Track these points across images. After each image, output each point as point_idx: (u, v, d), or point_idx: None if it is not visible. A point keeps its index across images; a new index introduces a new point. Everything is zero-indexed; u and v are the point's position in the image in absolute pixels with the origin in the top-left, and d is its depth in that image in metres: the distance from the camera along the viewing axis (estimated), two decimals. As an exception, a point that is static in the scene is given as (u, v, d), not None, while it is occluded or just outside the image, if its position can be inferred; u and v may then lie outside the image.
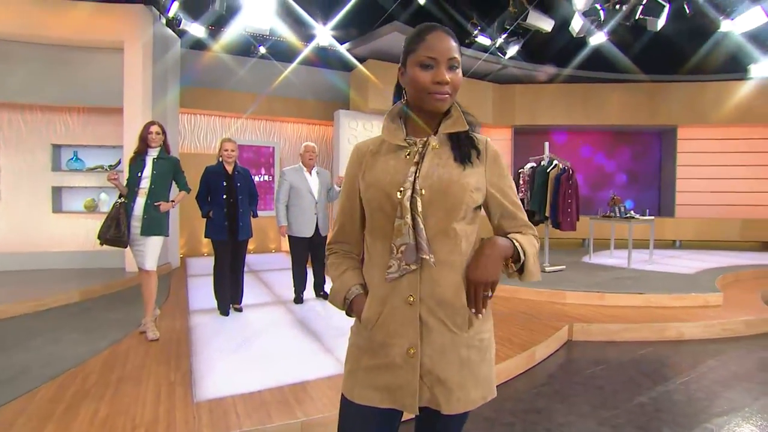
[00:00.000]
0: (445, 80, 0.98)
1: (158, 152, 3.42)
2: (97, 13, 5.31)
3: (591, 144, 9.68)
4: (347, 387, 1.06)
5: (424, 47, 0.98)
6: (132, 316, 3.81)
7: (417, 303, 0.98)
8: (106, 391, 2.40)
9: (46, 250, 5.75)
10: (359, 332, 1.08)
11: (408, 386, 0.99)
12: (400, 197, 0.97)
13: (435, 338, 0.99)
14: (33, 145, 5.76)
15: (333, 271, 1.14)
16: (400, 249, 0.97)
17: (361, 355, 1.05)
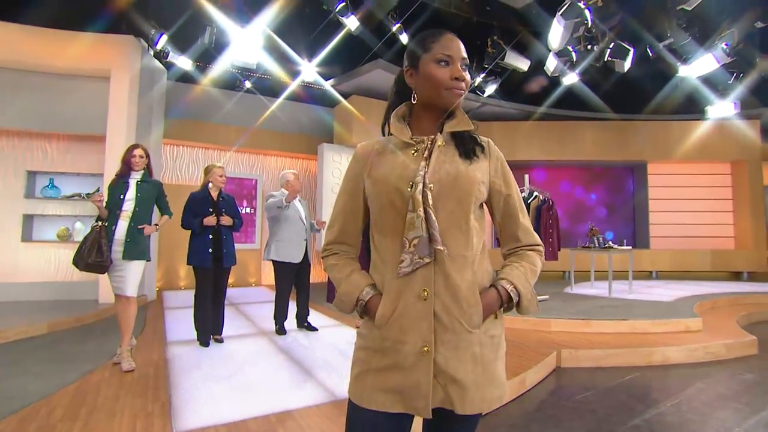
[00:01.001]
0: (462, 76, 1.03)
1: (141, 175, 3.37)
2: (85, 42, 5.36)
3: (568, 179, 10.05)
4: (356, 392, 1.02)
5: (439, 46, 1.03)
6: (105, 348, 3.60)
7: (431, 298, 0.97)
8: (74, 425, 2.21)
9: (13, 281, 5.44)
10: (369, 333, 1.04)
11: (420, 387, 0.95)
12: (412, 191, 0.98)
13: (448, 335, 0.97)
14: (6, 170, 5.58)
15: (336, 272, 1.10)
16: (413, 242, 0.96)
17: (371, 357, 1.01)
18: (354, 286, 1.05)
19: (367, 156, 1.10)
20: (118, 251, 3.15)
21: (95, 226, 3.15)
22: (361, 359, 1.04)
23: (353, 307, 1.05)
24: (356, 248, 1.14)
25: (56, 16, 5.25)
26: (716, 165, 9.36)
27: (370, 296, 1.03)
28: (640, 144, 9.14)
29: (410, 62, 1.09)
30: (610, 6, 4.22)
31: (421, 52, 1.05)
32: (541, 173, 9.94)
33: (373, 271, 1.07)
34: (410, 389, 0.96)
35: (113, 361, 3.22)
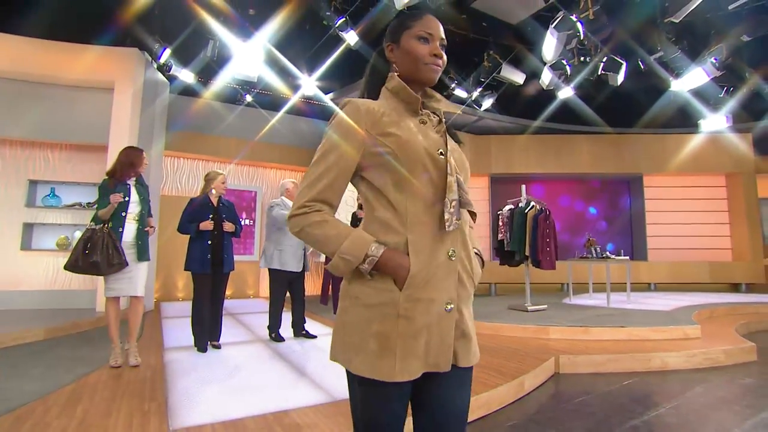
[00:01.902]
0: (440, 53, 1.10)
1: (135, 179, 3.41)
2: (91, 55, 5.48)
3: (565, 192, 10.14)
4: (384, 368, 0.95)
5: (421, 24, 1.10)
6: (101, 354, 3.57)
7: (456, 258, 1.03)
8: (70, 422, 2.20)
9: (12, 289, 5.42)
10: (386, 298, 0.98)
11: (444, 342, 0.99)
12: (446, 157, 1.03)
13: (463, 292, 1.04)
14: (8, 179, 5.63)
15: (329, 229, 1.00)
16: (453, 204, 1.00)
17: (393, 326, 0.97)
18: (362, 241, 0.98)
19: (374, 115, 1.05)
20: (131, 253, 3.22)
21: (98, 228, 3.13)
22: (380, 332, 0.97)
23: (357, 264, 0.97)
24: (334, 211, 1.05)
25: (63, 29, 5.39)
26: (711, 177, 9.48)
27: (381, 251, 0.97)
28: (636, 157, 9.27)
29: (392, 38, 1.13)
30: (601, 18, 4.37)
31: (403, 29, 1.11)
32: (539, 186, 10.03)
33: (386, 232, 1.02)
34: (435, 346, 0.99)
35: (111, 364, 3.20)
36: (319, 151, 1.05)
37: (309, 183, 1.02)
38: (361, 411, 1.01)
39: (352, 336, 0.99)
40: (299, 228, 1.01)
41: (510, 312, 5.70)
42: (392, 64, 1.13)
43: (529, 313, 5.54)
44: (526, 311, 5.60)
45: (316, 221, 1.00)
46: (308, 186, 1.02)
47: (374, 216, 1.04)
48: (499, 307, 6.24)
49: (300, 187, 1.04)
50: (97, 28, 5.43)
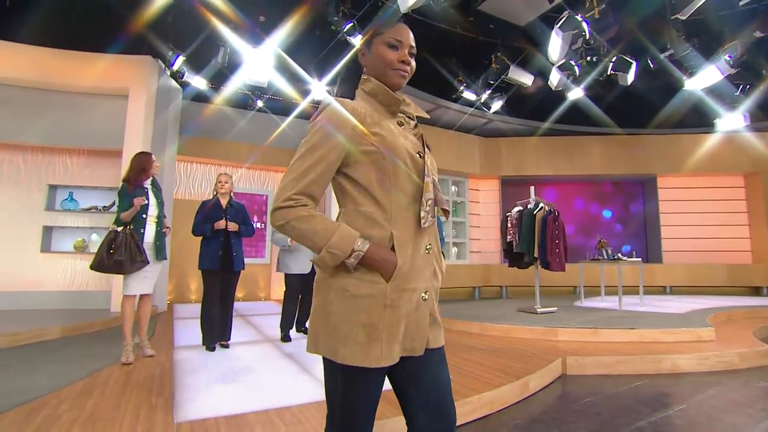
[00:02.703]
0: (408, 60, 1.16)
1: (151, 182, 3.54)
2: (105, 62, 5.67)
3: (578, 193, 10.02)
4: (372, 356, 1.00)
5: (392, 32, 1.16)
6: (113, 351, 3.67)
7: (431, 251, 1.12)
8: (79, 414, 2.27)
9: (32, 290, 5.61)
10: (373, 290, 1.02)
11: (422, 329, 1.08)
12: (425, 159, 1.12)
13: (435, 283, 1.15)
14: (29, 184, 5.84)
15: (316, 223, 1.02)
16: (428, 203, 1.09)
17: (380, 315, 1.02)
18: (349, 236, 1.01)
19: (361, 115, 1.09)
20: (150, 253, 3.39)
21: (121, 230, 3.29)
22: (369, 322, 1.01)
23: (344, 258, 1.00)
24: (317, 206, 1.08)
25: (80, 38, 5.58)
26: (729, 178, 9.25)
27: (367, 246, 1.02)
28: (649, 157, 9.12)
29: (365, 44, 1.20)
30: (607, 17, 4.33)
31: (375, 35, 1.18)
32: (550, 188, 9.94)
33: (371, 227, 1.06)
34: (412, 332, 1.07)
35: (122, 361, 3.29)
36: (305, 145, 1.07)
37: (295, 176, 1.04)
38: (341, 397, 1.05)
39: (338, 327, 1.02)
40: (284, 221, 1.02)
41: (519, 314, 5.66)
42: (364, 67, 1.20)
43: (539, 315, 5.49)
44: (536, 313, 5.55)
45: (303, 215, 1.02)
46: (294, 179, 1.03)
47: (359, 211, 1.07)
48: (508, 310, 6.19)
49: (284, 180, 1.05)
50: (113, 36, 5.60)
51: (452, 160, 8.86)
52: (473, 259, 9.30)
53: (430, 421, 1.08)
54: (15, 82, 5.54)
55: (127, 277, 3.34)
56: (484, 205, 9.66)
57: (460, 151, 9.00)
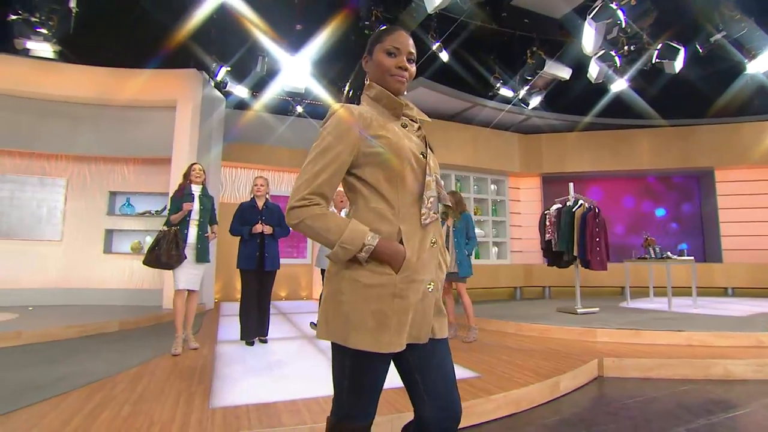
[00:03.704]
0: (405, 66, 1.22)
1: (201, 190, 3.85)
2: (155, 77, 6.14)
3: (625, 190, 9.52)
4: (381, 341, 1.07)
5: (390, 39, 1.23)
6: (163, 344, 3.98)
7: (436, 245, 1.19)
8: (130, 396, 2.52)
9: (96, 287, 6.18)
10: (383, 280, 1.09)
11: (427, 318, 1.16)
12: (428, 159, 1.20)
13: (441, 275, 1.22)
14: (94, 191, 6.44)
15: (329, 221, 1.09)
16: (430, 200, 1.16)
17: (389, 304, 1.08)
18: (359, 232, 1.08)
19: (367, 120, 1.16)
20: (192, 254, 3.69)
21: (168, 230, 3.62)
22: (378, 310, 1.08)
23: (355, 252, 1.07)
24: (329, 204, 1.16)
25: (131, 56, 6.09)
26: (799, 169, 8.42)
27: (377, 240, 1.09)
28: (705, 150, 8.48)
29: (367, 51, 1.27)
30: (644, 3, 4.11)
31: (376, 42, 1.24)
32: (595, 184, 9.51)
33: (380, 222, 1.13)
34: (418, 321, 1.15)
35: (172, 352, 3.57)
36: (316, 148, 1.14)
37: (308, 178, 1.11)
38: (350, 380, 1.13)
39: (350, 314, 1.09)
40: (299, 220, 1.09)
41: (558, 314, 5.49)
42: (366, 73, 1.28)
43: (579, 315, 5.30)
44: (576, 314, 5.37)
45: (317, 214, 1.09)
46: (307, 180, 1.10)
47: (369, 207, 1.15)
48: (548, 310, 6.02)
49: (298, 182, 1.12)
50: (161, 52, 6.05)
51: (490, 159, 8.71)
52: (514, 259, 9.09)
53: (437, 408, 1.15)
54: (78, 99, 6.14)
55: (176, 274, 3.64)
56: (525, 203, 9.41)
57: (499, 150, 8.83)
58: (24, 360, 3.50)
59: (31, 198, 6.27)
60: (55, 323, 4.59)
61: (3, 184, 6.24)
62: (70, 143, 6.22)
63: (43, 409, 2.33)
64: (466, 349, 3.99)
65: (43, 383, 2.80)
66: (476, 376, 3.03)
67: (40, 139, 6.13)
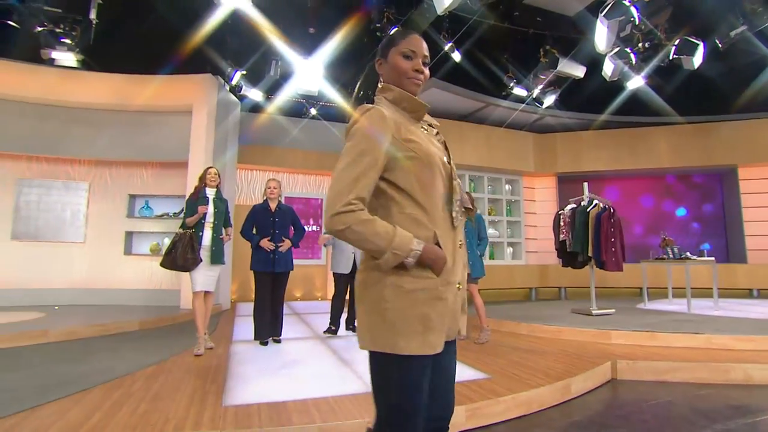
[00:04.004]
0: (422, 69, 1.25)
1: (215, 193, 3.94)
2: (171, 82, 6.30)
3: (644, 189, 9.33)
4: (429, 343, 1.08)
5: (406, 42, 1.24)
6: (180, 343, 4.10)
7: (463, 246, 1.25)
8: (147, 394, 2.61)
9: (117, 287, 6.38)
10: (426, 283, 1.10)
11: (456, 317, 1.21)
12: (450, 164, 1.23)
13: (465, 274, 1.26)
14: (114, 195, 6.66)
15: (378, 227, 1.07)
16: (457, 204, 1.22)
17: (432, 307, 1.11)
18: (407, 237, 1.08)
19: (398, 123, 1.16)
20: (207, 256, 3.78)
21: (184, 233, 3.71)
22: (424, 314, 1.09)
23: (404, 258, 1.07)
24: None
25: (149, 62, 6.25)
26: (828, 166, 8.11)
27: (422, 245, 1.09)
28: (728, 147, 8.24)
29: (381, 53, 1.29)
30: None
31: (391, 45, 1.26)
32: (610, 184, 9.34)
33: (417, 227, 1.12)
34: (450, 320, 1.18)
35: (195, 353, 3.66)
36: (352, 152, 1.10)
37: (349, 182, 1.07)
38: (401, 388, 1.09)
39: (397, 321, 1.08)
40: (345, 225, 1.05)
41: (573, 316, 5.43)
42: (380, 75, 1.29)
43: (594, 317, 5.23)
44: (591, 315, 5.29)
45: (365, 219, 1.07)
46: (349, 185, 1.07)
47: (404, 213, 1.14)
48: (562, 311, 5.95)
49: (339, 185, 1.07)
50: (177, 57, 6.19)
51: (505, 159, 8.65)
52: (529, 260, 9.00)
53: (438, 407, 1.18)
54: (99, 106, 6.36)
55: (193, 276, 3.73)
56: (541, 203, 9.31)
57: (513, 149, 8.76)
58: (50, 357, 3.65)
59: (57, 201, 6.52)
60: (79, 322, 4.78)
61: (30, 188, 6.51)
62: (91, 148, 6.45)
63: (66, 404, 2.44)
64: (478, 350, 3.98)
65: (67, 380, 2.92)
66: (486, 378, 3.03)
67: (64, 144, 6.37)
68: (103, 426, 2.13)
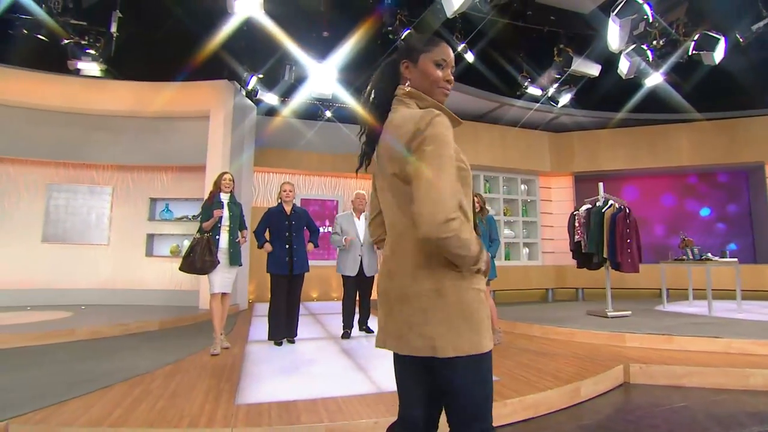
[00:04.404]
0: (451, 79, 1.26)
1: (230, 197, 4.05)
2: (189, 89, 6.50)
3: (665, 188, 9.10)
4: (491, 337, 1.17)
5: (439, 50, 1.24)
6: (198, 342, 4.24)
7: None
8: (165, 391, 2.72)
9: (139, 288, 6.62)
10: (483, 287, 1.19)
11: None
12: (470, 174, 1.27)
13: None
14: (136, 198, 6.90)
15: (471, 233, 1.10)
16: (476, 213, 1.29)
17: (486, 306, 1.17)
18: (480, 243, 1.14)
19: None
20: (224, 258, 3.89)
21: (201, 237, 3.83)
22: (487, 313, 1.16)
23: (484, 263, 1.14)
24: None
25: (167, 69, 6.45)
26: None
27: (486, 252, 1.17)
28: (754, 144, 7.97)
29: (408, 56, 1.26)
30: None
31: (422, 51, 1.24)
32: (629, 183, 9.15)
33: None
34: None
35: (212, 352, 3.78)
36: (440, 158, 1.07)
37: (450, 188, 1.05)
38: (489, 382, 1.15)
39: (479, 322, 1.12)
40: (453, 233, 1.03)
41: (587, 317, 5.36)
42: (406, 79, 1.25)
43: (609, 319, 5.15)
44: (606, 317, 5.22)
45: (466, 227, 1.07)
46: (451, 192, 1.05)
47: None
48: (577, 312, 5.89)
49: (443, 193, 1.04)
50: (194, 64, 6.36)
51: (520, 158, 8.57)
52: (546, 260, 8.90)
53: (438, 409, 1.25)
54: (120, 113, 6.62)
55: (211, 278, 3.86)
56: (557, 203, 9.18)
57: (528, 149, 8.67)
58: (76, 355, 3.83)
59: (82, 205, 6.80)
60: (103, 322, 5.00)
61: (59, 193, 6.81)
62: (114, 154, 6.70)
63: (91, 399, 2.57)
64: (489, 352, 3.98)
65: (91, 377, 3.07)
66: (494, 380, 3.04)
67: (88, 150, 6.64)
68: (123, 421, 2.24)
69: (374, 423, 2.29)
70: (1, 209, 6.63)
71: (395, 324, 1.16)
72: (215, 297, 3.90)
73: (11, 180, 6.72)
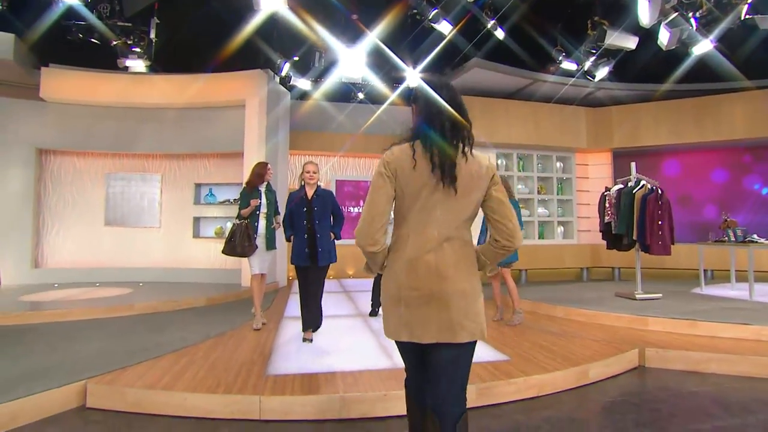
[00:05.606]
0: None
1: (266, 186, 4.35)
2: (225, 80, 6.86)
3: (712, 163, 8.55)
4: None
5: None
6: (238, 318, 4.68)
7: None
8: (206, 362, 3.13)
9: (187, 266, 7.26)
10: None
11: None
12: None
13: None
14: (183, 184, 7.47)
15: None
16: None
17: None
18: None
19: None
20: (262, 242, 4.26)
21: (240, 223, 4.16)
22: None
23: None
24: None
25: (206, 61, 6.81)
26: None
27: None
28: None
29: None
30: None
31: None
32: (672, 158, 8.66)
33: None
34: None
35: (254, 327, 4.19)
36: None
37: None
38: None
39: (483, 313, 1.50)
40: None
41: (615, 299, 5.33)
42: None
43: (637, 301, 5.11)
44: (634, 299, 5.17)
45: None
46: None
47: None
48: (607, 293, 5.85)
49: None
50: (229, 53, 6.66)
51: (555, 135, 8.35)
52: (581, 239, 8.74)
53: None
54: (165, 105, 7.11)
55: (251, 261, 4.24)
56: (594, 180, 8.91)
57: (564, 125, 8.41)
58: (135, 327, 4.38)
59: (136, 192, 7.47)
60: (158, 298, 5.60)
61: (115, 181, 7.51)
62: (161, 144, 7.27)
63: (146, 367, 3.02)
64: (507, 332, 4.12)
65: (147, 347, 3.54)
66: (505, 359, 3.19)
67: (139, 141, 7.23)
68: (171, 386, 2.64)
69: (383, 395, 2.55)
70: (71, 197, 7.44)
71: (450, 316, 1.40)
72: (255, 277, 4.29)
73: (77, 171, 7.50)
